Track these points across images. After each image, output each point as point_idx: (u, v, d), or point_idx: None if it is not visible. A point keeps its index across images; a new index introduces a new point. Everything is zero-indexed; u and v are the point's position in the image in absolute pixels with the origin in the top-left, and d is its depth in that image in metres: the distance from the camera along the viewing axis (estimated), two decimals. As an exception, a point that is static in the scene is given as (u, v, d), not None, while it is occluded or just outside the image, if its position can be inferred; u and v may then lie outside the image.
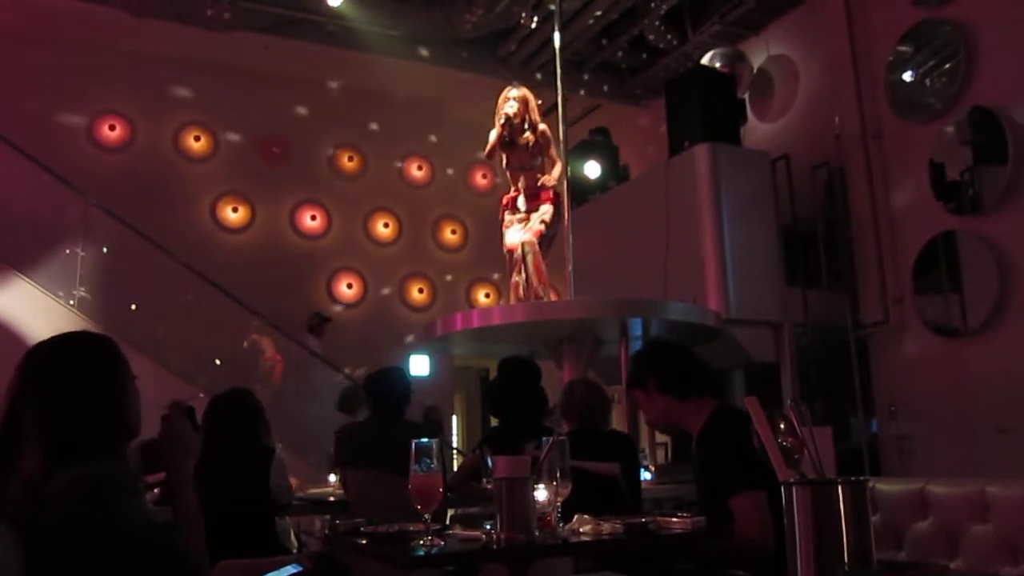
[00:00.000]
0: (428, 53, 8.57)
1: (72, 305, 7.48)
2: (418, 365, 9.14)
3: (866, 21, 6.54)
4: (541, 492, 1.81)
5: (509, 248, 4.81)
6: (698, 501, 2.48)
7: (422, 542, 1.76)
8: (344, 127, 9.95)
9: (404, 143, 10.31)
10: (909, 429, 5.95)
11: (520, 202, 4.85)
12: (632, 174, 8.20)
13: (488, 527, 1.90)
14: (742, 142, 6.81)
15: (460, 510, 4.07)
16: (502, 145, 4.79)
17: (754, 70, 7.62)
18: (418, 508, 1.80)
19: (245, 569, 2.59)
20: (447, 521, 3.37)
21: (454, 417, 10.58)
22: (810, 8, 7.25)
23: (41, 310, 7.12)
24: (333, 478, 4.54)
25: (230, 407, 3.50)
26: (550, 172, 4.86)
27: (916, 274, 6.00)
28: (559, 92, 5.19)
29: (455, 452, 7.56)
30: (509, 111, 4.69)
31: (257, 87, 9.18)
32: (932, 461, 5.67)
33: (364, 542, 1.94)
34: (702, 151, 6.21)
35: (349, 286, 9.79)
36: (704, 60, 7.50)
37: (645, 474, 4.43)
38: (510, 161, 4.87)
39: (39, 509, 1.47)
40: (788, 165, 6.68)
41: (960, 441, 5.52)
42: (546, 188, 4.82)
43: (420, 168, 10.46)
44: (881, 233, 6.26)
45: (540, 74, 8.43)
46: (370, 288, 9.90)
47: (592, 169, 7.70)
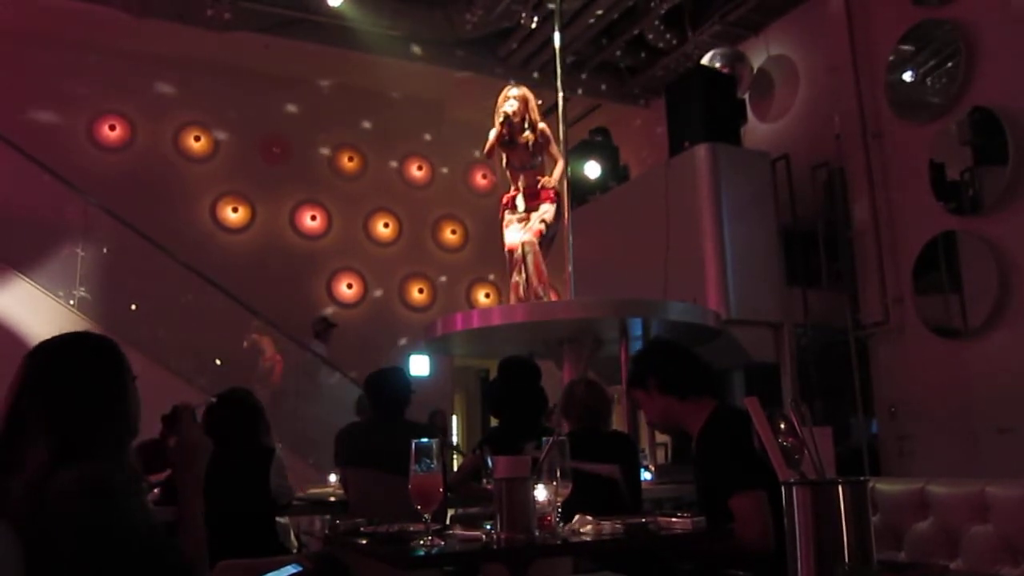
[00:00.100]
0: (428, 53, 8.56)
1: (72, 305, 7.47)
2: (418, 365, 9.14)
3: (866, 21, 6.54)
4: (541, 492, 1.81)
5: (509, 248, 4.81)
6: (698, 501, 2.48)
7: (422, 542, 1.75)
8: (344, 127, 9.95)
9: (404, 143, 10.29)
10: (909, 429, 5.94)
11: (519, 201, 4.84)
12: (632, 174, 8.20)
13: (488, 527, 1.90)
14: (742, 142, 6.80)
15: (460, 510, 4.07)
16: (502, 144, 4.78)
17: (754, 70, 7.61)
18: (418, 508, 1.80)
19: (245, 569, 2.59)
20: (447, 521, 3.37)
21: (454, 417, 10.58)
22: (810, 8, 7.24)
23: (41, 310, 7.11)
24: (333, 478, 4.54)
25: (230, 407, 3.49)
26: (551, 171, 4.85)
27: (916, 274, 6.00)
28: (559, 92, 5.19)
29: (455, 452, 7.56)
30: (509, 110, 4.67)
31: (257, 87, 9.20)
32: (932, 461, 5.66)
33: (364, 542, 1.94)
34: (702, 151, 6.21)
35: (349, 286, 9.78)
36: (704, 60, 7.49)
37: (645, 474, 4.42)
38: (510, 160, 4.86)
39: (39, 509, 1.47)
40: (788, 165, 6.67)
41: (960, 441, 5.52)
42: (546, 188, 4.81)
43: (420, 168, 10.45)
44: (881, 233, 6.26)
45: (540, 74, 8.42)
46: (370, 288, 9.90)
47: (592, 169, 7.70)
